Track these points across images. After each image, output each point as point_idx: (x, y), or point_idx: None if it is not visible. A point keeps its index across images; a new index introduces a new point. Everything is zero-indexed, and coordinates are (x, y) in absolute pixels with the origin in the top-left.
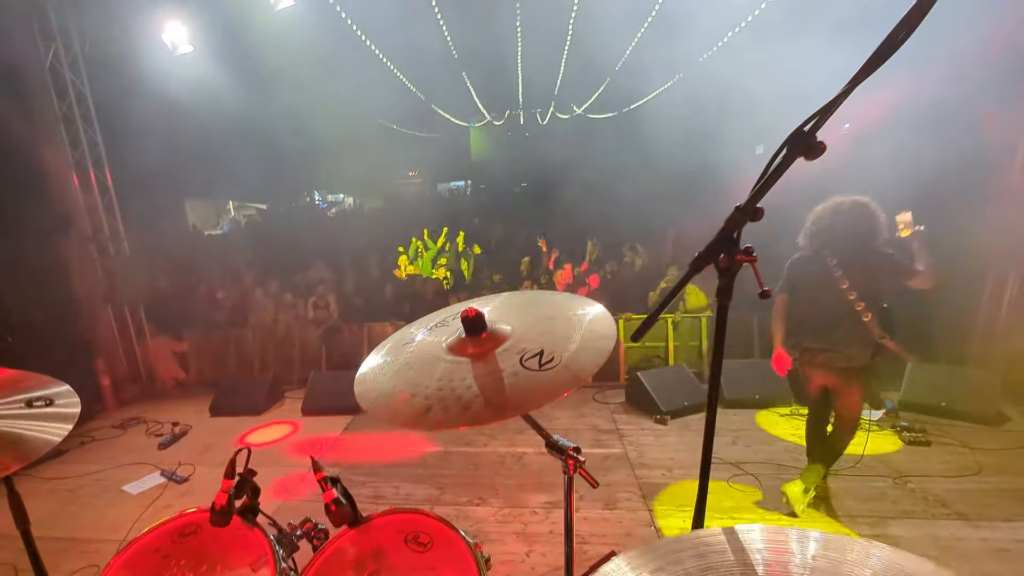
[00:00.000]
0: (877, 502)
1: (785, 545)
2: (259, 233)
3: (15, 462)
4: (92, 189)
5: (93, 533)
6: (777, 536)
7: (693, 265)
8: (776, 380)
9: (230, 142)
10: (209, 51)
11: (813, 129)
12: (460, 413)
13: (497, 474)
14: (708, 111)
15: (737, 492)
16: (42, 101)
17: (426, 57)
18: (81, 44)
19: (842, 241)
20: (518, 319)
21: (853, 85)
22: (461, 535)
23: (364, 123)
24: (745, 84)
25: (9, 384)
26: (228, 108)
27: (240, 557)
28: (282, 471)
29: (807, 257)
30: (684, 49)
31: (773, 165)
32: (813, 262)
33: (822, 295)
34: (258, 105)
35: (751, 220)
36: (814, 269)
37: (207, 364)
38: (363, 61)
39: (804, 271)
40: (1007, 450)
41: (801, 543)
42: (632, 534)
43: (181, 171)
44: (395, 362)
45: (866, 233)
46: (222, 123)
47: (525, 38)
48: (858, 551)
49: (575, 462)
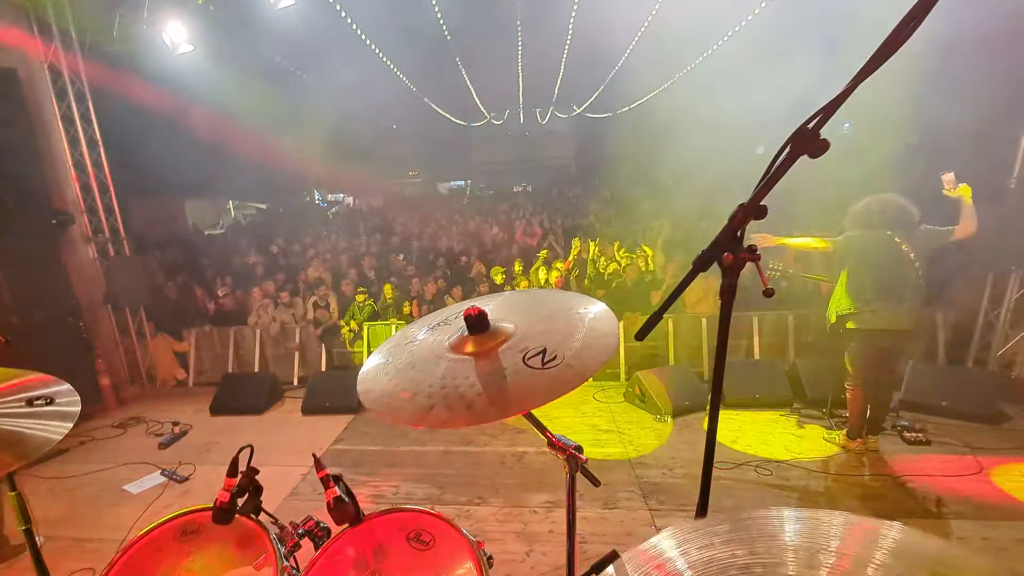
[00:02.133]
0: (877, 501)
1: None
2: (259, 232)
3: (15, 461)
4: (92, 189)
5: (93, 532)
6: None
7: (697, 263)
8: (776, 380)
9: (230, 141)
10: (209, 50)
11: (817, 127)
12: (463, 411)
13: (497, 473)
14: (708, 110)
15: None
16: (42, 101)
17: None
18: (81, 44)
19: (895, 221)
20: (520, 317)
21: (857, 82)
22: (464, 533)
23: (364, 123)
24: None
25: (10, 383)
26: (228, 107)
27: (242, 555)
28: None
29: (867, 234)
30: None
31: (776, 163)
32: (876, 236)
33: (889, 260)
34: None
35: (755, 218)
36: (880, 240)
37: (207, 364)
38: (363, 60)
39: (872, 243)
40: (1007, 450)
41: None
42: (632, 533)
43: (181, 171)
44: (397, 361)
45: (911, 215)
46: (222, 122)
47: (525, 37)
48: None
49: (577, 461)
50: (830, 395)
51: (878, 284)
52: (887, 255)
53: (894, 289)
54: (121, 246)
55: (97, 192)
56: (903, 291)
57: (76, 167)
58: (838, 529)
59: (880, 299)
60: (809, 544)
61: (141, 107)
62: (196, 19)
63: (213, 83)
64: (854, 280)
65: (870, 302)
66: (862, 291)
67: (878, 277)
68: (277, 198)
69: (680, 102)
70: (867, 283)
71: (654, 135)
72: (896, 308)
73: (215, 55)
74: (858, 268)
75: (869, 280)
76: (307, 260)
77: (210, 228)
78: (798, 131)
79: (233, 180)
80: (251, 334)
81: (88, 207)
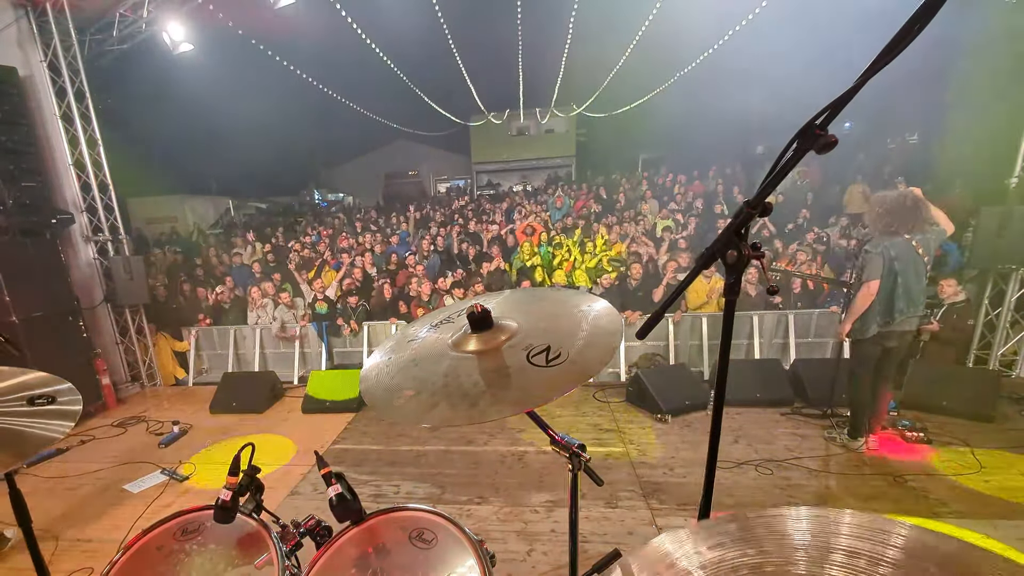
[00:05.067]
0: (878, 501)
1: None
2: (259, 232)
3: (16, 459)
4: (92, 189)
5: (93, 532)
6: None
7: (700, 261)
8: (777, 379)
9: (230, 141)
10: (209, 50)
11: (824, 123)
12: (467, 409)
13: (498, 473)
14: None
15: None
16: (42, 100)
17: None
18: (81, 44)
19: (913, 222)
20: (524, 315)
21: (864, 80)
22: (466, 532)
23: (364, 121)
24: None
25: (11, 382)
26: (228, 107)
27: (244, 554)
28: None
29: (898, 241)
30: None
31: (783, 160)
32: (903, 243)
33: (911, 267)
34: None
35: (760, 216)
36: (904, 247)
37: (207, 363)
38: (363, 59)
39: (900, 251)
40: (1007, 449)
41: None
42: (634, 533)
43: (181, 170)
44: (400, 359)
45: (924, 212)
46: (222, 122)
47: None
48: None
49: (580, 460)
50: (830, 395)
51: (908, 295)
52: (912, 263)
53: (917, 296)
54: (121, 246)
55: (97, 192)
56: (920, 296)
57: (76, 167)
58: (848, 527)
59: (910, 308)
60: (820, 543)
61: (141, 107)
62: (196, 18)
63: (213, 82)
64: (889, 294)
65: (903, 311)
66: (896, 303)
67: (908, 288)
68: (277, 197)
69: (680, 101)
70: (900, 295)
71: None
72: (916, 313)
73: (215, 54)
74: (892, 281)
75: (901, 292)
76: (307, 260)
77: (210, 228)
78: (805, 128)
79: (233, 179)
80: (251, 334)
81: (88, 207)
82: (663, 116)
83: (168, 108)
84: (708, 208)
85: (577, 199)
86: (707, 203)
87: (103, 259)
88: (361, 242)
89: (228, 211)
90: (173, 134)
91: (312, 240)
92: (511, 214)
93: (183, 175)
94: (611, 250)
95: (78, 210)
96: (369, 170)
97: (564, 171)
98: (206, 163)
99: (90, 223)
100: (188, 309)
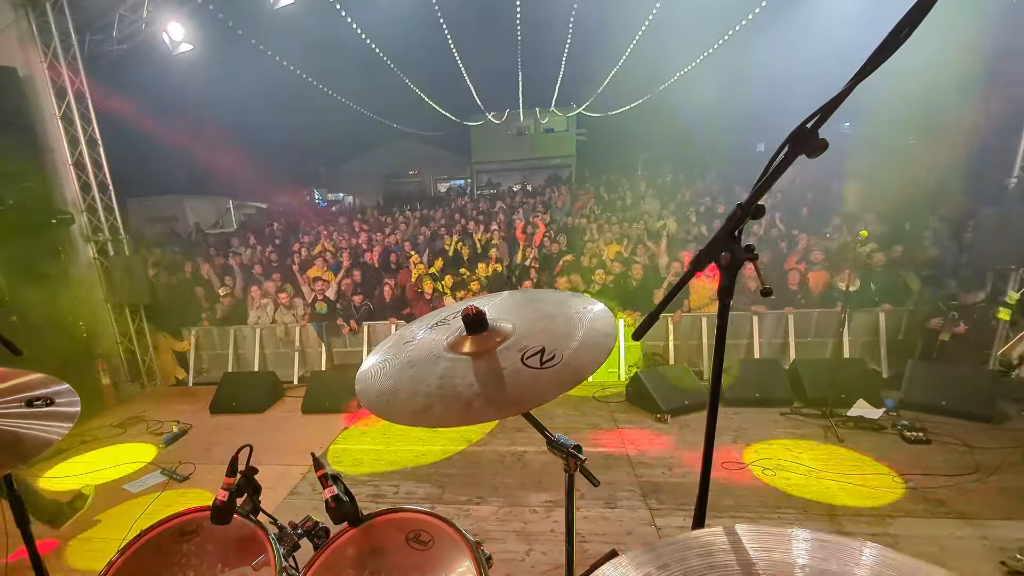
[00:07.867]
0: (878, 501)
1: (784, 545)
2: (259, 232)
3: (14, 461)
4: (92, 189)
5: (93, 532)
6: (774, 536)
7: (694, 263)
8: (777, 379)
9: (230, 141)
10: (209, 50)
11: (816, 126)
12: (461, 411)
13: (497, 473)
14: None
15: None
16: (42, 100)
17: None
18: (81, 44)
19: None
20: (519, 317)
21: (855, 82)
22: (463, 534)
23: (364, 121)
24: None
25: (9, 383)
26: (228, 106)
27: (241, 555)
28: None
29: None
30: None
31: (775, 163)
32: None
33: None
34: (258, 103)
35: (753, 218)
36: None
37: (207, 363)
38: (363, 59)
39: None
40: (1007, 449)
41: (798, 543)
42: (633, 533)
43: (181, 170)
44: (396, 360)
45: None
46: (222, 121)
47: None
48: (855, 551)
49: (576, 461)
50: (830, 395)
51: None
52: None
53: None
54: (121, 246)
55: (97, 192)
56: None
57: (76, 167)
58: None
59: None
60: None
61: (141, 107)
62: (196, 18)
63: (212, 82)
64: None
65: None
66: None
67: None
68: (277, 197)
69: (681, 101)
70: None
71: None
72: None
73: (215, 54)
74: None
75: None
76: (307, 260)
77: (210, 227)
78: (797, 131)
79: (233, 179)
80: (251, 334)
81: (88, 207)
82: (663, 116)
83: (168, 108)
84: (708, 208)
85: (577, 199)
86: (707, 203)
87: (103, 259)
88: (361, 242)
89: (228, 211)
90: (173, 134)
91: (312, 240)
92: (511, 214)
93: (183, 175)
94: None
95: (78, 210)
96: (369, 170)
97: (564, 171)
98: (206, 163)
99: (90, 223)
100: (188, 309)
